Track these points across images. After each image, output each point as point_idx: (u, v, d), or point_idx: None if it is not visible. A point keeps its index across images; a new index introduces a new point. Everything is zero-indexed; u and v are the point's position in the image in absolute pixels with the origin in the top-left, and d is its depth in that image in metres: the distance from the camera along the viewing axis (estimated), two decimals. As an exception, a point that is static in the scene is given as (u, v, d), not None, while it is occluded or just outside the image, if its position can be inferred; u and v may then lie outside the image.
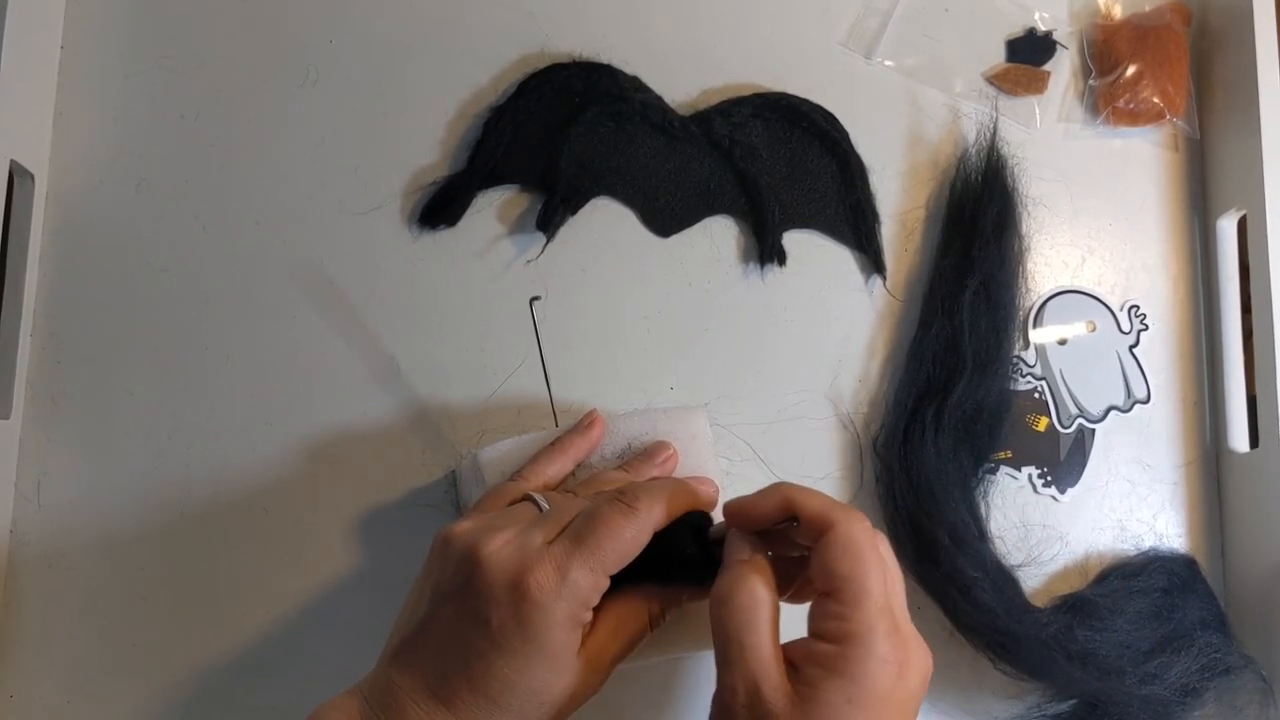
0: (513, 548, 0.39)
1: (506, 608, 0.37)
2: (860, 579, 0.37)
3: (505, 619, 0.37)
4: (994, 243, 0.56)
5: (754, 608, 0.37)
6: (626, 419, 0.49)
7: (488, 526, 0.40)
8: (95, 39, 0.56)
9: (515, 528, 0.40)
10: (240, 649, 0.51)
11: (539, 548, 0.39)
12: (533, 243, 0.56)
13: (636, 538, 0.40)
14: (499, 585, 0.38)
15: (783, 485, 0.40)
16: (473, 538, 0.39)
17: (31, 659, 0.50)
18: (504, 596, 0.37)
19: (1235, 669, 0.53)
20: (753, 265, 0.57)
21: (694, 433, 0.50)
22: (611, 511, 0.40)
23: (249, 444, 0.53)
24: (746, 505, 0.40)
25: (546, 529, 0.40)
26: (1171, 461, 0.58)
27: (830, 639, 0.36)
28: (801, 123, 0.58)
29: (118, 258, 0.54)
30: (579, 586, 0.38)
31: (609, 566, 0.39)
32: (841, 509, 0.38)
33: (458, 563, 0.39)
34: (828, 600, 0.37)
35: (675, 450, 0.49)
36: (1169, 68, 0.60)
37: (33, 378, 0.53)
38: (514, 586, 0.37)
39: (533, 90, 0.56)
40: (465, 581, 0.38)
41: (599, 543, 0.39)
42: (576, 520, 0.40)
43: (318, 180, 0.56)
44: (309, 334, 0.54)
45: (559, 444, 0.48)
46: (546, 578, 0.38)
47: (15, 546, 0.51)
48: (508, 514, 0.42)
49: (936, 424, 0.54)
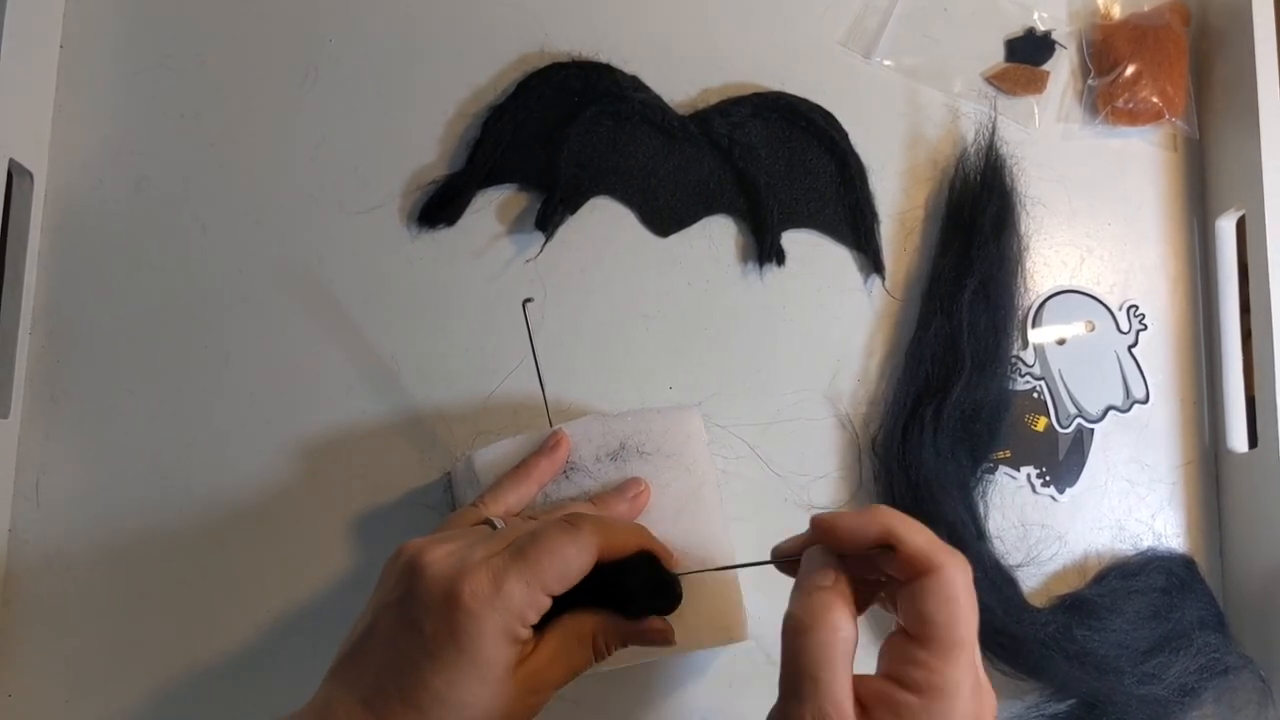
0: (454, 558, 0.38)
1: (440, 614, 0.37)
2: (956, 631, 0.35)
3: (438, 626, 0.37)
4: (993, 242, 0.56)
5: (834, 643, 0.35)
6: (620, 419, 0.49)
7: (437, 540, 0.40)
8: (95, 37, 0.56)
9: (462, 541, 0.40)
10: (239, 649, 0.51)
11: (478, 559, 0.38)
12: (532, 242, 0.56)
13: (578, 558, 0.39)
14: (435, 593, 0.37)
15: (882, 511, 0.37)
16: (418, 549, 0.39)
17: (31, 658, 0.50)
18: (438, 603, 0.37)
19: (1233, 669, 0.53)
20: (752, 265, 0.57)
21: (689, 432, 0.50)
22: (555, 530, 0.39)
23: (248, 443, 0.53)
24: (840, 526, 0.38)
25: (491, 544, 0.40)
26: (1170, 461, 0.58)
27: (913, 689, 0.34)
28: (800, 122, 0.58)
29: (117, 256, 0.54)
30: (513, 598, 0.37)
31: (547, 584, 0.38)
32: (947, 551, 0.36)
33: (400, 572, 0.39)
34: (914, 645, 0.35)
35: (647, 487, 0.49)
36: (1168, 68, 0.60)
37: (32, 376, 0.53)
38: (448, 594, 0.37)
39: (532, 89, 0.57)
40: (406, 590, 0.38)
41: (538, 558, 0.38)
42: (520, 536, 0.40)
43: (317, 179, 0.56)
44: (308, 333, 0.54)
45: (524, 467, 0.48)
46: (480, 586, 0.37)
47: (14, 545, 0.51)
48: (462, 532, 0.42)
49: (935, 424, 0.54)
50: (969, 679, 0.35)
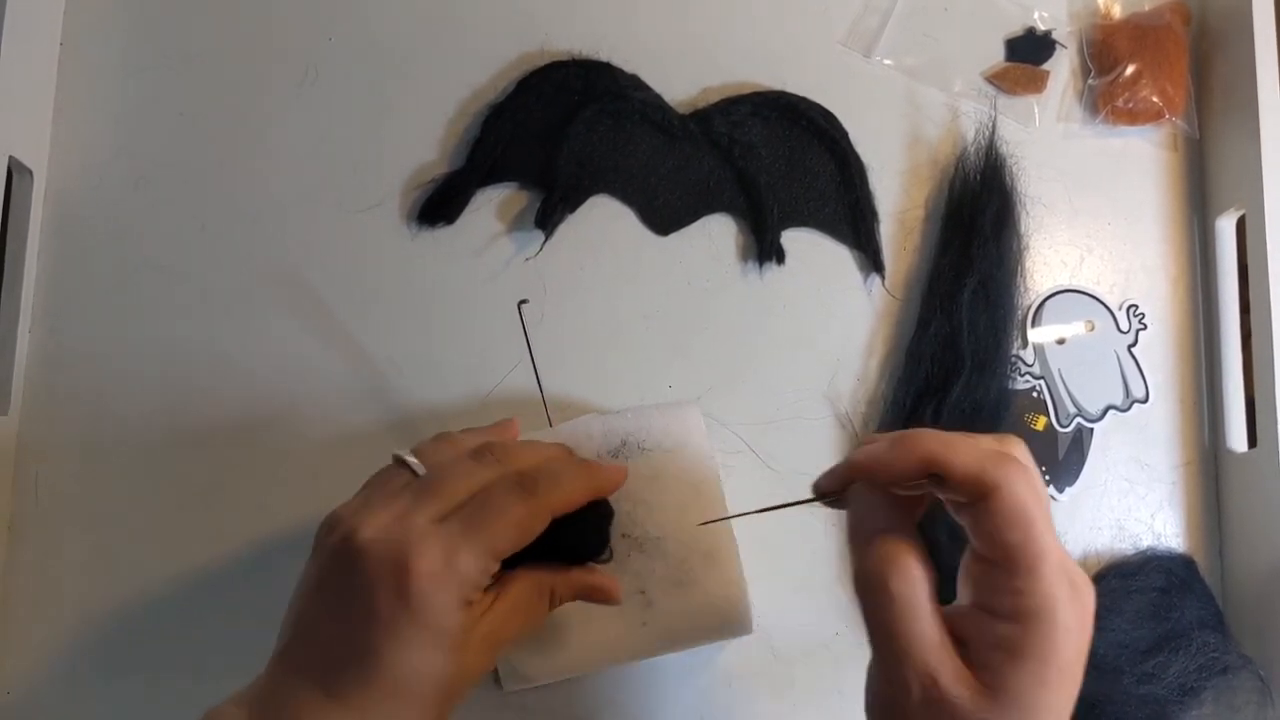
0: (395, 530, 0.37)
1: (394, 596, 0.36)
2: (1035, 546, 0.32)
3: (393, 607, 0.35)
4: (992, 242, 0.56)
5: (913, 592, 0.33)
6: (620, 416, 0.49)
7: (365, 506, 0.38)
8: (95, 36, 0.56)
9: (394, 506, 0.38)
10: (238, 649, 0.51)
11: (423, 528, 0.37)
12: (531, 241, 0.56)
13: (531, 522, 0.38)
14: (384, 574, 0.36)
15: (918, 438, 0.34)
16: (351, 523, 0.37)
17: (30, 657, 0.50)
18: (389, 584, 0.36)
19: (1233, 669, 0.53)
20: (751, 264, 0.57)
21: (689, 428, 0.50)
22: (506, 494, 0.38)
23: (247, 443, 0.53)
24: (880, 464, 0.35)
25: (430, 504, 0.38)
26: (1170, 461, 0.58)
27: (1009, 617, 0.32)
28: (801, 121, 0.58)
29: (117, 254, 0.54)
30: (467, 570, 0.36)
31: (500, 551, 0.38)
32: (998, 464, 0.33)
33: (336, 551, 0.37)
34: (996, 571, 0.33)
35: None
36: (1168, 67, 0.60)
37: (31, 374, 0.53)
38: (399, 573, 0.36)
39: (532, 88, 0.57)
40: (348, 571, 0.37)
41: (490, 526, 0.37)
42: (471, 504, 0.38)
43: (317, 178, 0.56)
44: (308, 332, 0.54)
45: (467, 431, 0.45)
46: (433, 563, 0.36)
47: (14, 544, 0.51)
48: (381, 487, 0.40)
49: (935, 423, 0.54)
50: (1063, 589, 0.32)
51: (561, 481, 0.40)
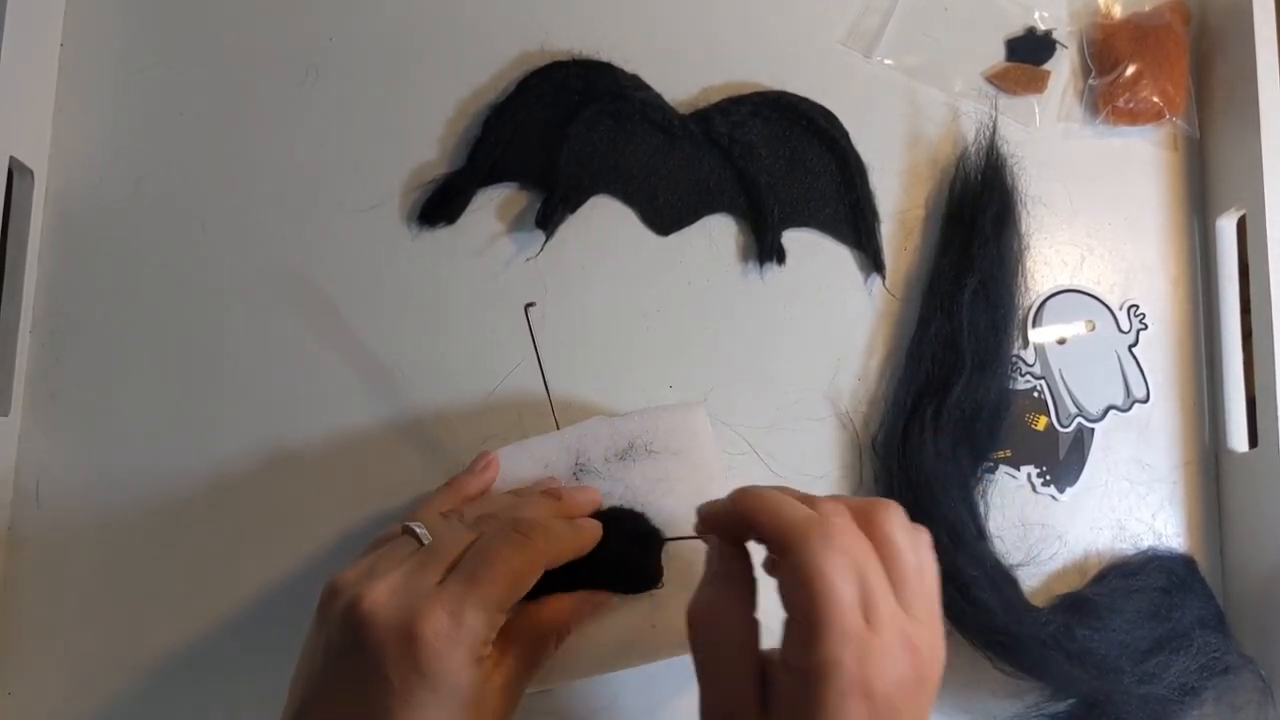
0: (400, 596, 0.36)
1: (404, 662, 0.35)
2: (821, 608, 0.33)
3: (406, 674, 0.35)
4: (993, 242, 0.56)
5: (728, 641, 0.36)
6: (626, 419, 0.49)
7: (369, 573, 0.38)
8: (95, 36, 0.56)
9: (398, 571, 0.38)
10: (239, 649, 0.51)
11: (428, 591, 0.37)
12: (532, 241, 0.56)
13: (529, 571, 0.39)
14: (391, 641, 0.36)
15: (748, 495, 0.37)
16: (355, 590, 0.37)
17: (31, 657, 0.50)
18: (398, 650, 0.35)
19: (1234, 668, 0.53)
20: (752, 264, 0.57)
21: (695, 429, 0.50)
22: (503, 545, 0.38)
23: (248, 444, 0.53)
24: (716, 519, 0.38)
25: (432, 568, 0.38)
26: (1170, 461, 0.58)
27: (792, 669, 0.34)
28: (801, 121, 0.58)
29: (117, 254, 0.54)
30: (474, 628, 0.36)
31: (504, 604, 0.38)
32: (805, 527, 0.35)
33: (343, 619, 0.37)
34: (790, 624, 0.35)
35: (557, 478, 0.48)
36: (1169, 67, 0.60)
37: (32, 374, 0.53)
38: (407, 639, 0.35)
39: (532, 88, 0.56)
40: (355, 639, 0.36)
41: (491, 580, 0.37)
42: (468, 556, 0.38)
43: (317, 178, 0.56)
44: (308, 332, 0.54)
45: (453, 484, 0.46)
46: (441, 624, 0.36)
47: (14, 544, 0.51)
48: (388, 555, 0.40)
49: (935, 423, 0.54)
50: (847, 656, 0.33)
51: (556, 533, 0.41)
